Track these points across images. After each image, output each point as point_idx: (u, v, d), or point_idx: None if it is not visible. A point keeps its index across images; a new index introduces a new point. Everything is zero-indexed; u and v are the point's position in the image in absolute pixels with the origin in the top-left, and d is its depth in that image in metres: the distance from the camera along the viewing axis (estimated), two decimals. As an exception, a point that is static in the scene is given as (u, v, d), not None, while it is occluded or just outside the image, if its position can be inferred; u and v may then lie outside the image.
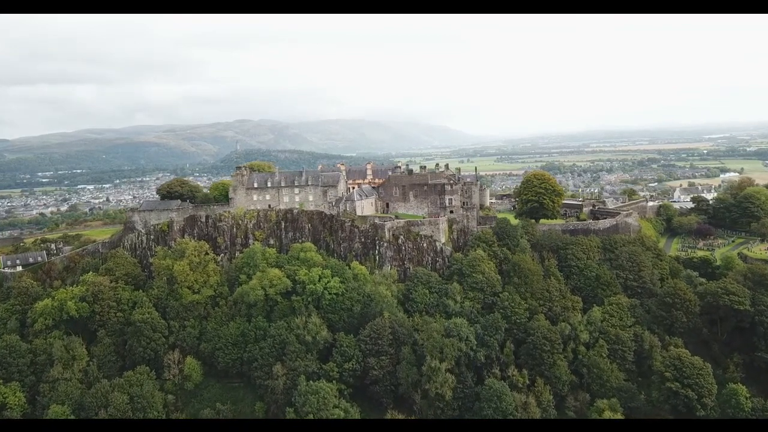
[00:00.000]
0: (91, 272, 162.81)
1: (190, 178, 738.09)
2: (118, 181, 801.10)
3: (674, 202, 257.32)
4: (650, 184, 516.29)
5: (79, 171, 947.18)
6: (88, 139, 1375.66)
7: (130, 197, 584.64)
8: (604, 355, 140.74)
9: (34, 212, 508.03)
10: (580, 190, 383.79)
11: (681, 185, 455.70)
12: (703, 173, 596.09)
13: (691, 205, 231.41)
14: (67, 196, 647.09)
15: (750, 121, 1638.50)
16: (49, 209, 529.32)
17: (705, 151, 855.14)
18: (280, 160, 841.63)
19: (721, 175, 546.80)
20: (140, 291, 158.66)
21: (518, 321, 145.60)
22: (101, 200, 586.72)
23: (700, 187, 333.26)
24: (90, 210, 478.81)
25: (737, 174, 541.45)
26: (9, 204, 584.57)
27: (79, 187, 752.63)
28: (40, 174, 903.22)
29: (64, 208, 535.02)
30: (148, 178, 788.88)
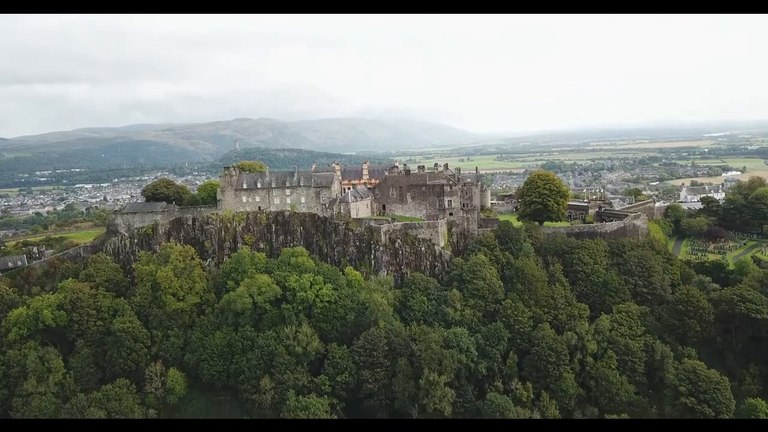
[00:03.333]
0: (70, 278, 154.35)
1: (189, 177, 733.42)
2: (116, 180, 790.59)
3: (682, 202, 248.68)
4: (652, 183, 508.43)
5: (77, 170, 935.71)
6: (87, 137, 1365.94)
7: (127, 196, 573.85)
8: (613, 367, 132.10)
9: (31, 212, 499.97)
10: (585, 190, 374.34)
11: (683, 184, 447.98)
12: (705, 172, 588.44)
13: (699, 205, 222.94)
14: (65, 196, 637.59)
15: (750, 119, 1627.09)
16: (46, 209, 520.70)
17: (706, 150, 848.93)
18: (280, 158, 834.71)
19: (724, 174, 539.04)
20: (122, 298, 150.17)
21: (522, 330, 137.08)
22: (99, 199, 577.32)
23: (707, 187, 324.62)
24: (86, 210, 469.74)
25: (739, 172, 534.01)
26: (6, 203, 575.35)
27: (77, 186, 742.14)
28: (38, 173, 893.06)
29: (60, 207, 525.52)
30: (147, 177, 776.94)
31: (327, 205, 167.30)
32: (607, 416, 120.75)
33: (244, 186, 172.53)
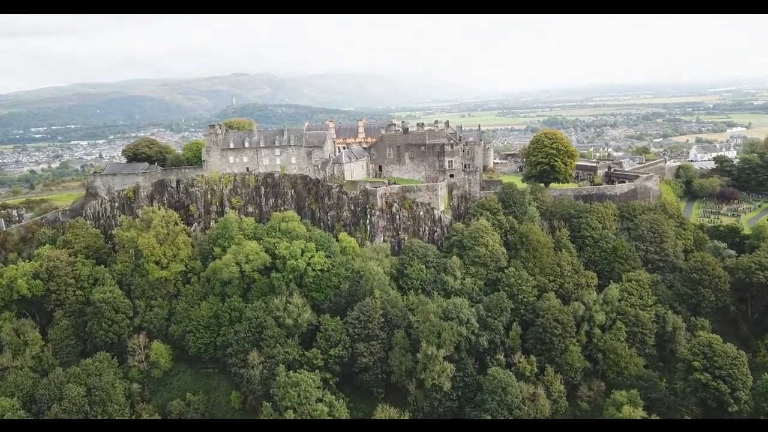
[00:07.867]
0: (47, 245, 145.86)
1: (185, 133, 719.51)
2: (112, 136, 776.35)
3: (692, 161, 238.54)
4: (656, 140, 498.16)
5: (73, 126, 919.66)
6: (82, 93, 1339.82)
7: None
8: (622, 339, 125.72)
9: (25, 169, 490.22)
10: (591, 149, 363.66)
11: (688, 140, 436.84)
12: (710, 128, 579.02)
13: (711, 165, 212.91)
14: (60, 153, 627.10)
15: (756, 74, 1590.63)
16: (41, 166, 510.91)
17: (711, 105, 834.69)
18: (277, 114, 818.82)
19: (729, 130, 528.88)
20: (102, 266, 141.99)
21: (526, 300, 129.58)
22: (94, 157, 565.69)
23: (717, 145, 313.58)
24: (82, 167, 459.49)
25: (745, 128, 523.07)
26: (0, 161, 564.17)
27: (72, 143, 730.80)
28: (33, 129, 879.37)
29: (56, 165, 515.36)
30: (143, 134, 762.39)
31: (319, 166, 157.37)
32: (615, 393, 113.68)
33: (231, 145, 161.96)
